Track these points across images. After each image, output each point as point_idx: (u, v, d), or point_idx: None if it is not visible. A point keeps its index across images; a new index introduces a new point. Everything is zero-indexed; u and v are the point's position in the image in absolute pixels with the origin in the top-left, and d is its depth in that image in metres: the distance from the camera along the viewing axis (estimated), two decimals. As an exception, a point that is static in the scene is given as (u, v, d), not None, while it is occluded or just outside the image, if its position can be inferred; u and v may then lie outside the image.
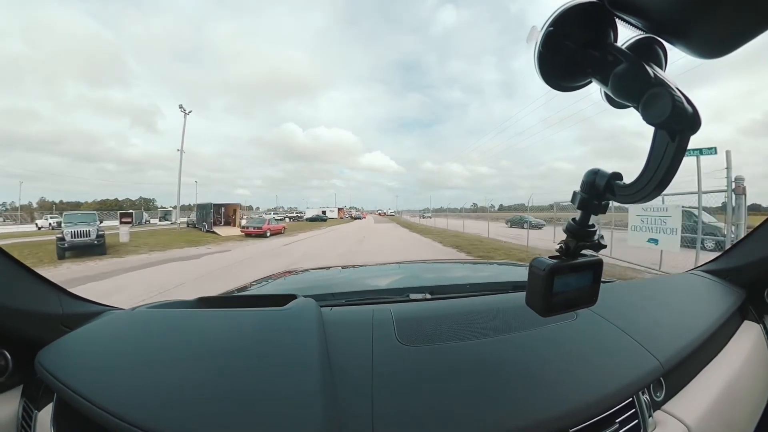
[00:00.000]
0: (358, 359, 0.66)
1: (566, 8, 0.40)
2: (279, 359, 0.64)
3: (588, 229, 0.50)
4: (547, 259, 0.50)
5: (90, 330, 0.82)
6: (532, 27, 0.42)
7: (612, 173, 0.46)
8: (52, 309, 0.81)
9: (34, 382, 0.73)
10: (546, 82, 0.44)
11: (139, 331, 0.81)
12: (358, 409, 0.55)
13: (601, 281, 0.54)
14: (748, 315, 1.08)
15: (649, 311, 0.94)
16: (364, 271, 1.91)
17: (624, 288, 1.14)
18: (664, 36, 0.39)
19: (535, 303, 0.50)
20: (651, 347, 0.75)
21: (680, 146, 0.38)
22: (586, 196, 0.48)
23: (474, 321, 0.80)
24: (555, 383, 0.63)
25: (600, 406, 0.60)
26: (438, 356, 0.68)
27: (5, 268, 0.75)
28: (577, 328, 0.80)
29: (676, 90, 0.37)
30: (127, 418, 0.53)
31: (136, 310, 0.96)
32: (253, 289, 1.50)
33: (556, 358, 0.70)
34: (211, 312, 0.87)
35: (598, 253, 0.54)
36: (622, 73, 0.40)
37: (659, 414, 0.69)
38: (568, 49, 0.42)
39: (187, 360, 0.67)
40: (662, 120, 0.36)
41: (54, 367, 0.67)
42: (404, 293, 1.09)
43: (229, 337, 0.73)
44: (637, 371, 0.68)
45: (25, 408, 0.72)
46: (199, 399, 0.56)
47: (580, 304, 0.53)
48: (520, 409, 0.57)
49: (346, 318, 0.83)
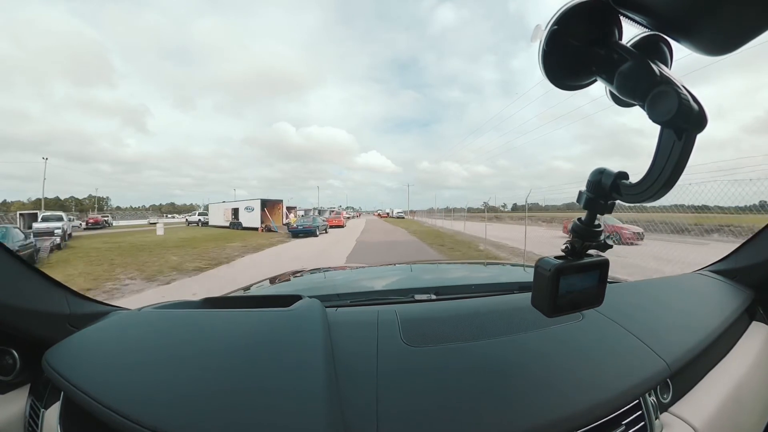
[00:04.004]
0: (363, 360, 0.66)
1: (570, 6, 0.40)
2: (284, 359, 0.64)
3: (594, 229, 0.50)
4: (553, 260, 0.50)
5: (97, 330, 0.82)
6: (536, 26, 0.42)
7: (618, 172, 0.46)
8: (59, 309, 0.82)
9: (41, 381, 0.74)
10: (551, 81, 0.44)
11: (145, 331, 0.82)
12: (363, 409, 0.55)
13: (607, 281, 0.54)
14: (757, 316, 1.07)
15: (656, 312, 0.93)
16: (369, 272, 1.91)
17: (630, 288, 1.13)
18: (670, 33, 0.39)
19: (541, 304, 0.50)
20: (658, 348, 0.74)
21: (687, 145, 0.37)
22: (592, 195, 0.48)
23: (479, 322, 0.80)
24: (561, 384, 0.63)
25: (606, 408, 0.60)
26: (443, 357, 0.68)
27: (12, 268, 0.76)
28: (583, 328, 0.79)
29: (682, 88, 0.36)
30: (134, 417, 0.53)
31: (142, 310, 0.97)
32: (258, 289, 1.51)
33: (562, 360, 0.70)
34: (217, 312, 0.87)
35: (604, 253, 0.53)
36: (628, 72, 0.40)
37: (666, 416, 0.68)
38: (572, 48, 0.42)
39: (193, 360, 0.67)
40: (668, 118, 0.36)
41: (61, 366, 0.68)
42: (409, 294, 1.09)
43: (235, 337, 0.74)
44: (643, 373, 0.68)
45: (32, 406, 0.72)
46: (204, 398, 0.57)
47: (586, 305, 0.53)
48: (526, 411, 0.56)
49: (351, 318, 0.83)
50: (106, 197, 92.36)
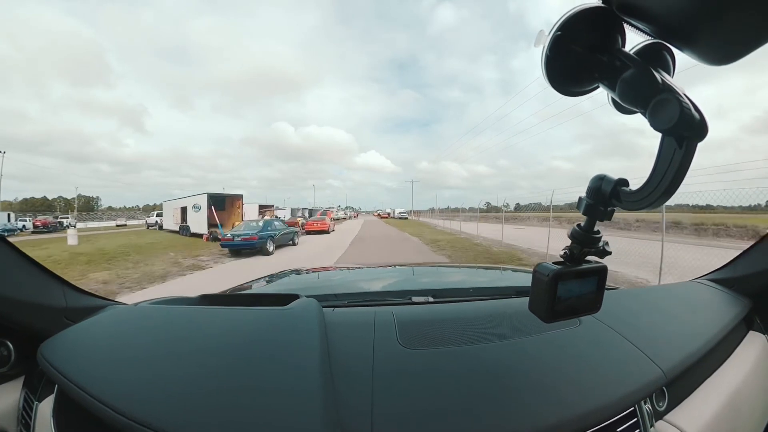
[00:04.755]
0: (359, 360, 0.66)
1: (574, 13, 0.40)
2: (280, 358, 0.64)
3: (593, 236, 0.50)
4: (552, 265, 0.49)
5: (93, 324, 0.82)
6: (540, 31, 0.42)
7: (618, 179, 0.46)
8: (56, 302, 0.81)
9: (35, 373, 0.74)
10: (553, 87, 0.44)
11: (141, 327, 0.82)
12: (358, 409, 0.55)
13: (605, 288, 0.54)
14: (754, 325, 1.07)
15: (653, 319, 0.93)
16: (366, 273, 1.91)
17: (628, 295, 1.13)
18: (673, 42, 0.39)
19: (539, 309, 0.50)
20: (654, 356, 0.74)
21: (687, 153, 0.37)
22: (591, 202, 0.48)
23: (476, 325, 0.80)
24: (556, 390, 0.62)
25: (601, 415, 0.60)
26: (439, 360, 0.67)
27: (10, 260, 0.76)
28: (579, 335, 0.79)
29: (684, 96, 0.36)
30: (127, 412, 0.53)
31: (138, 305, 0.97)
32: (255, 287, 1.51)
33: (558, 365, 0.69)
34: (214, 309, 0.87)
35: (602, 260, 0.53)
36: (630, 79, 0.40)
37: (661, 424, 0.68)
38: (575, 54, 0.42)
39: (188, 357, 0.67)
40: (670, 126, 0.36)
41: (56, 359, 0.67)
42: (406, 296, 1.09)
43: (231, 334, 0.74)
44: (639, 380, 0.68)
45: (26, 399, 0.72)
46: (198, 396, 0.56)
47: (584, 311, 0.53)
48: (521, 415, 0.56)
49: (348, 319, 0.83)
50: (95, 197, 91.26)
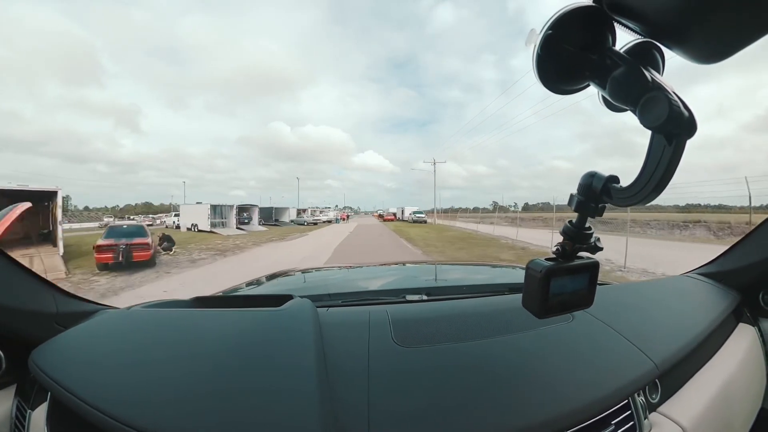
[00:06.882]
0: (354, 360, 0.66)
1: (565, 12, 0.40)
2: (275, 359, 0.64)
3: (584, 232, 0.50)
4: (544, 261, 0.50)
5: (84, 329, 0.81)
6: (531, 30, 0.42)
7: (609, 176, 0.46)
8: (47, 308, 0.80)
9: (27, 381, 0.73)
10: (544, 85, 0.44)
11: (133, 331, 0.81)
12: (354, 409, 0.55)
13: (597, 283, 0.54)
14: (743, 318, 1.09)
15: (645, 313, 0.95)
16: (360, 272, 1.91)
17: (620, 290, 1.14)
18: (662, 41, 0.39)
19: (532, 305, 0.51)
20: (646, 349, 0.75)
21: (677, 150, 0.38)
22: (582, 198, 0.48)
23: (470, 322, 0.80)
24: (551, 385, 0.63)
25: (596, 408, 0.61)
26: (434, 357, 0.68)
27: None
28: (573, 329, 0.80)
29: (673, 94, 0.37)
30: (121, 417, 0.52)
31: (131, 309, 0.96)
32: (249, 289, 1.50)
33: (552, 360, 0.70)
34: (207, 312, 0.87)
35: (594, 256, 0.54)
36: (620, 77, 0.40)
37: (655, 416, 0.69)
38: (566, 53, 0.42)
39: (182, 360, 0.66)
40: (659, 124, 0.37)
41: (48, 366, 0.66)
42: (401, 294, 1.09)
43: (225, 337, 0.73)
44: (632, 373, 0.69)
45: (18, 407, 0.71)
46: (193, 399, 0.56)
47: (576, 306, 0.54)
48: (516, 411, 0.57)
49: (343, 319, 0.82)
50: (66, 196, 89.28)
